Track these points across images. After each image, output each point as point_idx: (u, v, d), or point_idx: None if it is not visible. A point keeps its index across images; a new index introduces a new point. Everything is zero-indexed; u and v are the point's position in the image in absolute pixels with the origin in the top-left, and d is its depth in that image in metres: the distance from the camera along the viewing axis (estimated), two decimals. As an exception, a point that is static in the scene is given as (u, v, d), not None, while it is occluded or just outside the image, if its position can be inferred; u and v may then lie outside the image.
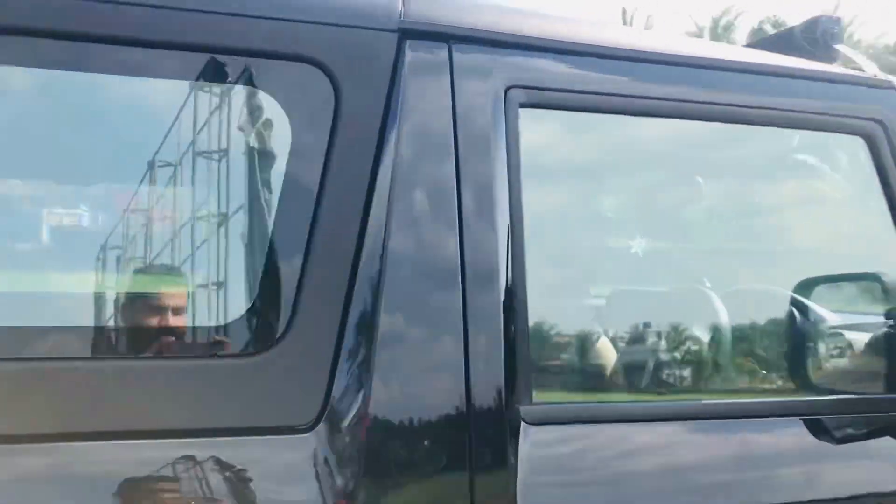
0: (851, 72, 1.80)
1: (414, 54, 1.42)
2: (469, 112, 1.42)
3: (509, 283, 1.39)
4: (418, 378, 1.34)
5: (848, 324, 1.80)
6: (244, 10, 1.36)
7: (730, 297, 1.79)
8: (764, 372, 1.80)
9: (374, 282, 1.32)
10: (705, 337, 1.80)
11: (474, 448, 1.31)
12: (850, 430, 1.58)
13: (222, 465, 1.24)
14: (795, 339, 1.84)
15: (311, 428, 1.28)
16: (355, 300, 1.31)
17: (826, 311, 1.79)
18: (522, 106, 1.46)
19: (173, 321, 1.33)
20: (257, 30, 1.36)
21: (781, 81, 1.69)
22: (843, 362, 1.79)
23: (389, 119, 1.38)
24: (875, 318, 1.71)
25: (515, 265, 1.40)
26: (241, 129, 1.39)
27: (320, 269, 1.31)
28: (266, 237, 1.35)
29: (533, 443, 1.34)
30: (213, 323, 1.34)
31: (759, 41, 2.00)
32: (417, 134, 1.39)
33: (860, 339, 1.77)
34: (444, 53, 1.44)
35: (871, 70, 1.80)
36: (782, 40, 1.89)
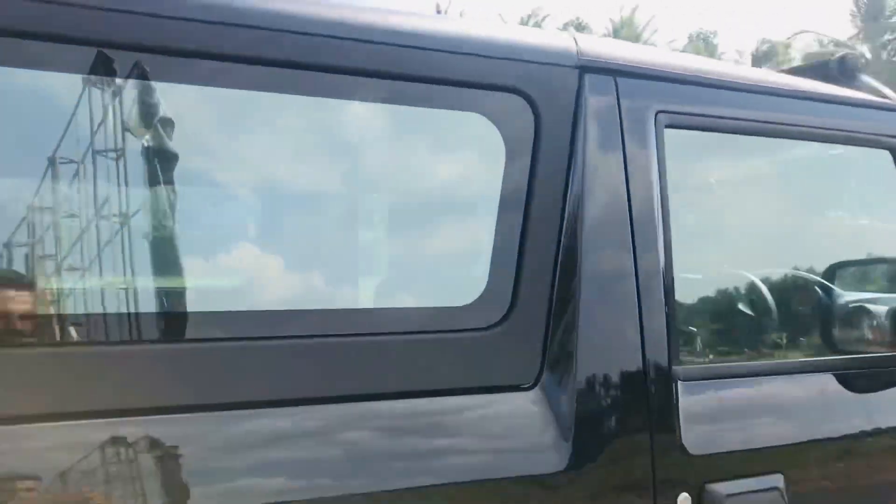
0: (879, 99, 2.28)
1: (591, 85, 1.77)
2: (631, 132, 1.78)
3: (666, 273, 1.78)
4: (609, 348, 1.70)
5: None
6: (468, 49, 1.67)
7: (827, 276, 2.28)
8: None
9: (573, 274, 1.67)
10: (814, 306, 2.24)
11: (652, 403, 1.70)
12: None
13: (470, 414, 1.58)
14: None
15: (532, 387, 1.63)
16: (559, 288, 1.66)
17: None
18: (668, 127, 1.84)
19: (435, 303, 1.65)
20: (478, 65, 1.67)
21: (836, 107, 2.14)
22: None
23: (576, 136, 1.72)
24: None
25: (668, 260, 1.79)
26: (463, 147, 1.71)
27: (532, 264, 1.66)
28: (491, 238, 1.67)
29: (688, 397, 1.74)
30: (460, 304, 1.64)
31: (798, 69, 2.43)
32: (597, 148, 1.74)
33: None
34: (612, 84, 1.80)
35: (893, 97, 2.28)
36: (819, 71, 2.33)
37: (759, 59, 40.96)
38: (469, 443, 1.58)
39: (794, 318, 2.19)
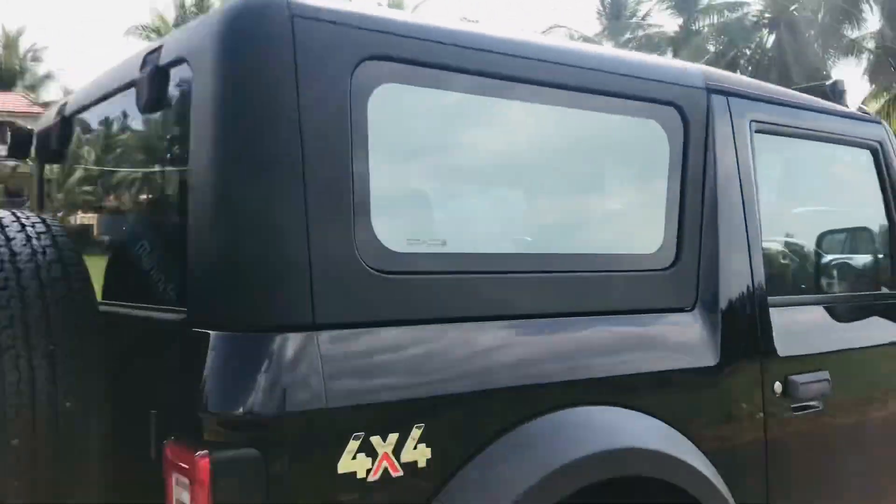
0: (860, 112, 3.19)
1: (715, 103, 2.53)
2: (738, 135, 2.56)
3: (759, 236, 2.58)
4: (734, 284, 2.47)
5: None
6: (650, 76, 2.41)
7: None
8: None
9: (712, 235, 2.43)
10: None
11: (759, 321, 2.51)
12: None
13: (654, 326, 2.34)
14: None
15: (691, 309, 2.39)
16: (704, 245, 2.42)
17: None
18: (757, 132, 2.65)
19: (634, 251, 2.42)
20: (655, 87, 2.41)
21: (841, 119, 3.02)
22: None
23: (707, 136, 2.47)
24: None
25: (759, 226, 2.58)
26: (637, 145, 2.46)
27: (687, 227, 2.40)
28: (664, 209, 2.42)
29: (776, 317, 2.56)
30: (648, 252, 2.40)
31: (802, 88, 3.30)
32: (720, 145, 2.51)
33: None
34: (725, 101, 2.56)
35: (870, 112, 3.21)
36: (818, 92, 3.21)
37: None
38: (653, 344, 2.34)
39: (823, 268, 3.04)
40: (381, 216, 1.86)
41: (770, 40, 32.42)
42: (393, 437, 1.73)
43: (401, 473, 1.73)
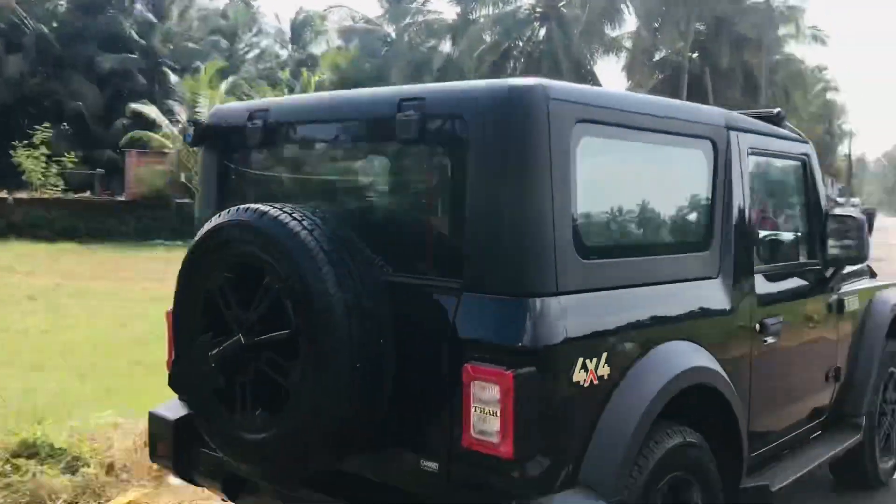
0: (794, 134, 4.13)
1: (732, 137, 3.38)
2: (743, 161, 3.43)
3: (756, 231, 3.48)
4: (739, 263, 3.34)
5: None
6: (697, 118, 3.24)
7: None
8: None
9: (728, 236, 3.30)
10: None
11: (752, 289, 3.39)
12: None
13: (694, 290, 3.19)
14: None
15: (716, 277, 3.23)
16: (724, 241, 3.28)
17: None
18: (750, 155, 3.49)
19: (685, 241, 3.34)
20: (699, 127, 3.24)
21: (783, 140, 3.94)
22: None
23: (728, 161, 3.33)
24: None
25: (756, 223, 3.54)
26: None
27: (718, 225, 3.27)
28: (708, 215, 3.35)
29: (761, 284, 3.50)
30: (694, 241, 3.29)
31: (751, 113, 4.16)
32: (735, 166, 3.36)
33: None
34: (736, 136, 3.41)
35: (801, 133, 4.17)
36: (766, 118, 4.07)
37: (297, 27, 43.86)
38: (699, 299, 3.19)
39: (782, 248, 4.09)
40: (582, 224, 2.74)
41: (542, 33, 34.79)
42: (594, 360, 2.65)
43: (597, 382, 2.66)
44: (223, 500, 3.33)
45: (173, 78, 30.35)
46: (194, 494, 4.20)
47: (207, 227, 2.85)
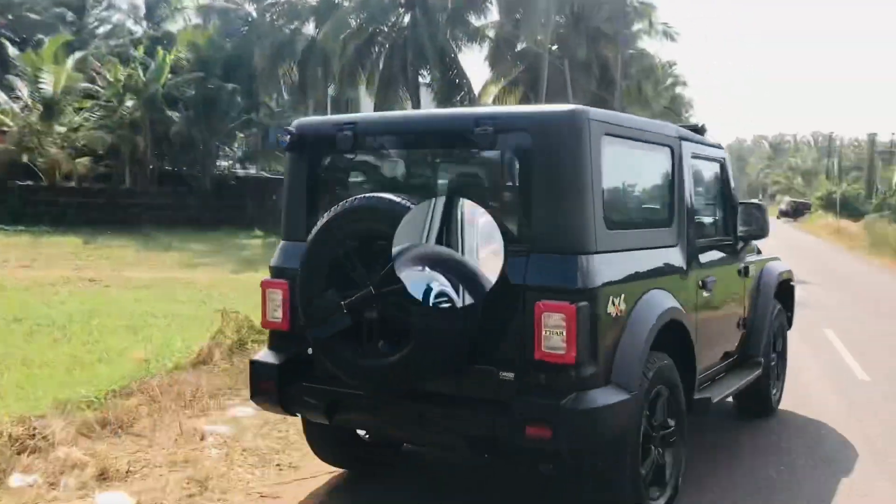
0: (712, 140, 5.46)
1: (682, 145, 4.98)
2: (687, 162, 5.01)
3: (696, 220, 4.80)
4: (689, 235, 4.90)
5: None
6: (658, 130, 4.88)
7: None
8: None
9: (682, 216, 4.89)
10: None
11: (697, 254, 5.00)
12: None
13: (668, 253, 4.75)
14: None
15: (676, 245, 4.82)
16: (680, 220, 4.82)
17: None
18: (694, 158, 4.90)
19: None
20: (660, 138, 4.83)
21: (709, 147, 5.38)
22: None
23: (682, 166, 4.92)
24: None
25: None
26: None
27: (674, 214, 4.71)
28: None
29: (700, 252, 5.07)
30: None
31: (685, 125, 5.43)
32: (685, 167, 4.94)
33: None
34: (684, 144, 4.98)
35: (719, 142, 5.52)
36: (693, 130, 5.37)
37: (152, 2, 40.22)
38: (668, 259, 4.67)
39: (711, 226, 5.66)
40: (607, 203, 4.03)
41: (406, 20, 35.12)
42: (619, 298, 3.93)
43: (619, 314, 3.95)
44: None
45: (12, 51, 28.93)
46: (37, 496, 4.44)
47: (334, 211, 3.81)
